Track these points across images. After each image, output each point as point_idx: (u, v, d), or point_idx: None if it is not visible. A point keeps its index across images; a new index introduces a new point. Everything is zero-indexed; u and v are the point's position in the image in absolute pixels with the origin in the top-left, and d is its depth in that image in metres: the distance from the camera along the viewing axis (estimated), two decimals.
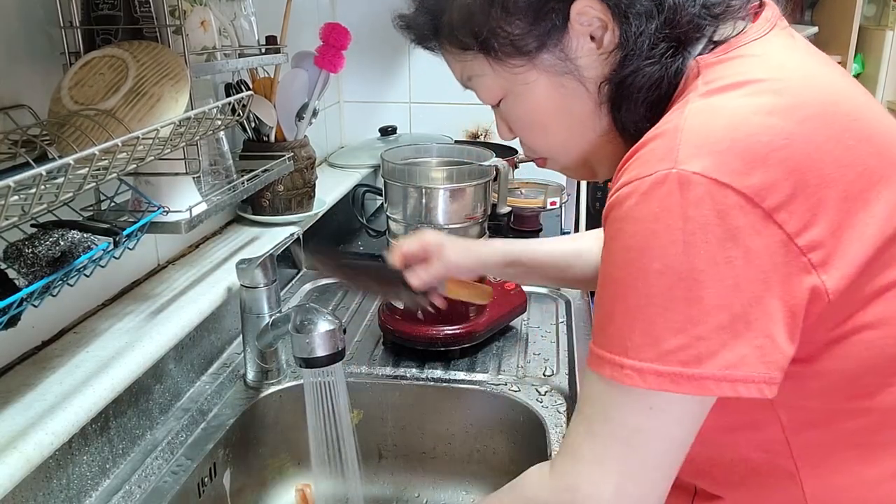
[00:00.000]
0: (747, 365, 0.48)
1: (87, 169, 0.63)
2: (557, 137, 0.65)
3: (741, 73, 0.54)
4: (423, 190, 1.01)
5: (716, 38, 0.57)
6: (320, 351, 0.83)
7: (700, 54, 0.57)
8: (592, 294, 1.12)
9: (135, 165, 0.71)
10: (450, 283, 0.89)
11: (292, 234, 1.09)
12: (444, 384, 1.03)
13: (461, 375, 1.05)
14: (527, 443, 0.99)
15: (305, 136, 1.36)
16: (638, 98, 0.59)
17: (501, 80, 0.63)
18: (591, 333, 0.55)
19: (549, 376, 1.05)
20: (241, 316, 0.99)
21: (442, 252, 0.86)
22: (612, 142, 0.64)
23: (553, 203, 1.59)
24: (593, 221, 2.08)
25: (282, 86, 1.30)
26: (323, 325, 0.83)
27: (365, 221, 1.51)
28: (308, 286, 1.35)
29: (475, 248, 0.90)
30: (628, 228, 0.50)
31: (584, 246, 0.92)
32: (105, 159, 0.66)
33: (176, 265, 1.10)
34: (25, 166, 0.59)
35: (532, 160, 0.71)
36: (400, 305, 1.00)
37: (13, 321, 0.65)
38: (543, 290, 1.30)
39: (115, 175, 0.69)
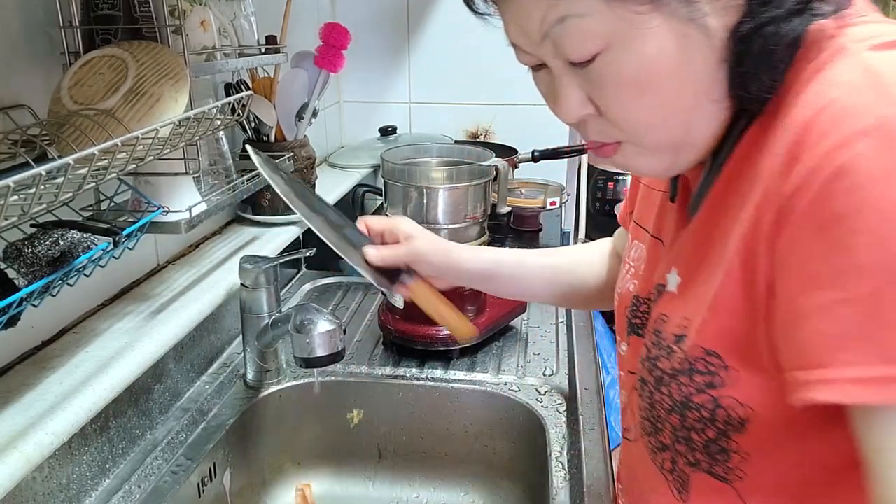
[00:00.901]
0: None
1: (86, 169, 0.63)
2: (664, 104, 0.51)
3: (891, 34, 0.47)
4: (423, 190, 1.01)
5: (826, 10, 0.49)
6: (320, 351, 0.83)
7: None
8: None
9: (134, 165, 0.71)
10: (421, 285, 0.79)
11: (298, 251, 1.07)
12: (444, 384, 1.03)
13: (461, 375, 1.05)
14: (527, 443, 0.99)
15: (305, 135, 1.36)
16: (769, 58, 0.48)
17: (612, 23, 0.48)
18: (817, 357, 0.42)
19: (549, 376, 1.05)
20: (241, 316, 0.99)
21: (413, 244, 0.77)
22: (719, 115, 0.52)
23: (553, 203, 1.59)
24: (593, 221, 2.08)
25: (282, 86, 1.30)
26: (323, 325, 0.83)
27: None
28: (308, 286, 1.35)
29: (454, 251, 0.80)
30: (884, 193, 0.40)
31: (581, 258, 0.86)
32: (104, 159, 0.66)
33: (176, 265, 1.10)
34: (25, 166, 0.59)
35: (593, 148, 0.57)
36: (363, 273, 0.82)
37: (13, 321, 0.65)
38: None
39: (114, 175, 0.69)
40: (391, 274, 0.78)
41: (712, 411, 0.51)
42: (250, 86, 1.28)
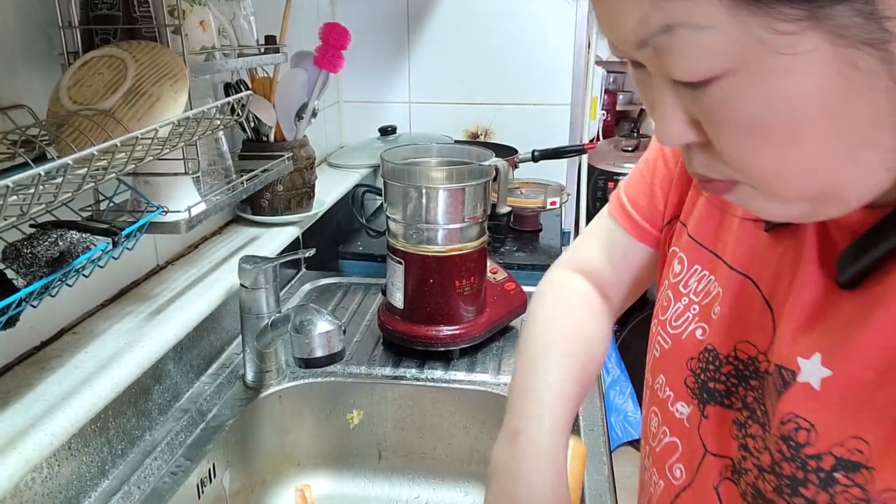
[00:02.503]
0: None
1: (85, 169, 0.63)
2: (804, 155, 0.37)
3: None
4: (423, 190, 1.01)
5: None
6: (320, 351, 0.82)
7: None
8: None
9: (133, 165, 0.71)
10: None
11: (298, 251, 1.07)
12: (444, 384, 1.03)
13: (461, 375, 1.05)
14: None
15: (305, 135, 1.36)
16: None
17: (742, 42, 0.35)
18: None
19: None
20: (240, 316, 0.99)
21: None
22: (890, 167, 0.38)
23: (553, 203, 1.59)
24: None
25: (281, 85, 1.30)
26: (322, 326, 0.83)
27: (364, 221, 1.51)
28: (308, 286, 1.35)
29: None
30: None
31: (594, 340, 0.68)
32: (104, 159, 0.66)
33: (175, 265, 1.10)
34: (24, 166, 0.59)
35: (705, 181, 0.43)
36: None
37: (12, 322, 0.65)
38: None
39: (113, 175, 0.68)
40: None
41: None
42: (250, 86, 1.28)
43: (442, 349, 1.07)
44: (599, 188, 2.10)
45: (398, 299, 1.07)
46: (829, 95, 0.35)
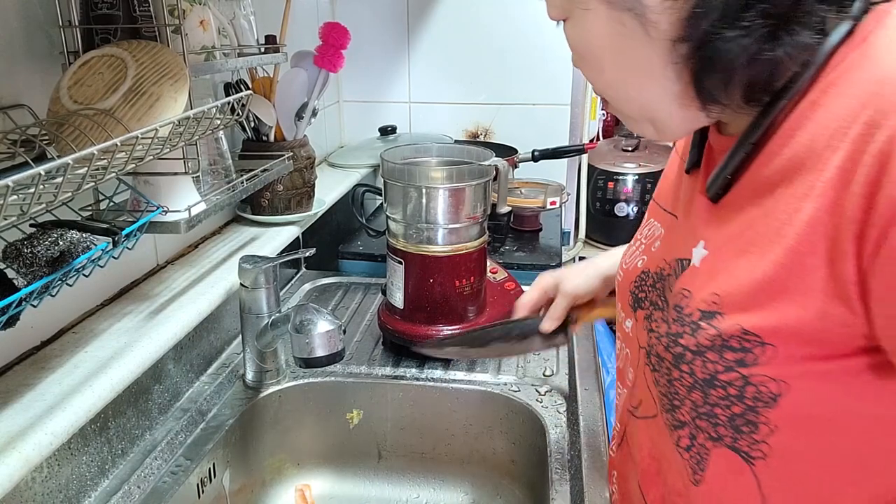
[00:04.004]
0: None
1: (85, 169, 0.63)
2: (611, 80, 0.57)
3: None
4: (423, 190, 1.01)
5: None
6: (320, 351, 0.82)
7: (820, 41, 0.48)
8: None
9: (134, 165, 0.71)
10: (579, 312, 0.84)
11: (298, 251, 1.07)
12: (444, 384, 1.03)
13: (461, 375, 1.05)
14: (527, 443, 0.99)
15: (305, 135, 1.36)
16: (730, 75, 0.50)
17: None
18: None
19: (549, 376, 1.05)
20: (240, 316, 0.99)
21: (560, 287, 0.82)
22: (688, 108, 0.54)
23: (553, 203, 1.59)
24: (593, 221, 2.08)
25: (281, 85, 1.30)
26: (322, 325, 0.82)
27: (364, 221, 1.51)
28: (308, 286, 1.35)
29: (591, 269, 0.84)
30: None
31: None
32: (104, 159, 0.66)
33: (175, 265, 1.10)
34: (24, 166, 0.59)
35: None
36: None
37: (12, 321, 0.65)
38: None
39: (113, 175, 0.68)
40: (561, 325, 0.83)
41: (741, 388, 0.51)
42: (250, 85, 1.28)
43: None
44: (599, 188, 2.10)
45: (398, 299, 1.07)
46: (610, 41, 0.54)
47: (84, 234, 0.69)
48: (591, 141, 1.98)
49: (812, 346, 0.48)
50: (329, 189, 1.55)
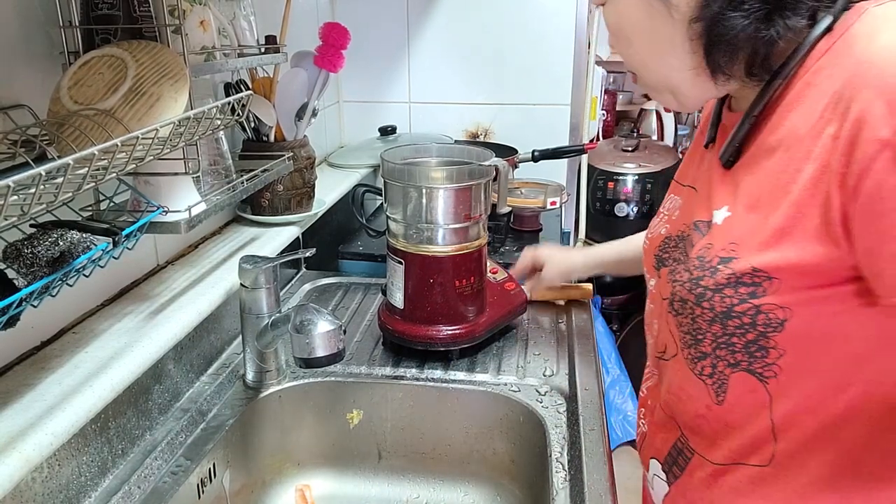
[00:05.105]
0: None
1: (86, 169, 0.63)
2: (639, 55, 0.69)
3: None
4: (423, 190, 1.01)
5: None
6: (320, 351, 0.82)
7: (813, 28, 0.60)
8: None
9: (134, 165, 0.71)
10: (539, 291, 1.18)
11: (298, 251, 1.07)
12: (444, 384, 1.03)
13: (461, 375, 1.05)
14: (527, 443, 0.99)
15: (305, 135, 1.36)
16: (732, 48, 0.61)
17: None
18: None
19: (549, 376, 1.05)
20: (240, 316, 0.99)
21: (546, 268, 1.11)
22: (701, 78, 0.66)
23: (553, 203, 1.59)
24: (593, 221, 2.08)
25: (281, 85, 1.30)
26: (323, 326, 0.82)
27: (364, 221, 1.51)
28: (308, 286, 1.35)
29: (570, 260, 1.12)
30: None
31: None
32: (104, 159, 0.66)
33: (175, 265, 1.10)
34: (25, 166, 0.59)
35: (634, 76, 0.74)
36: None
37: (12, 321, 0.65)
38: None
39: (114, 175, 0.68)
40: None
41: (753, 316, 0.62)
42: (250, 85, 1.28)
43: (442, 349, 1.07)
44: (599, 188, 2.11)
45: (398, 299, 1.07)
46: (640, 21, 0.66)
47: (84, 235, 0.69)
48: (591, 141, 1.98)
49: (810, 278, 0.59)
50: (329, 189, 1.55)
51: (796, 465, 0.67)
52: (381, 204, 1.25)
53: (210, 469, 0.89)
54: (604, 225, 2.06)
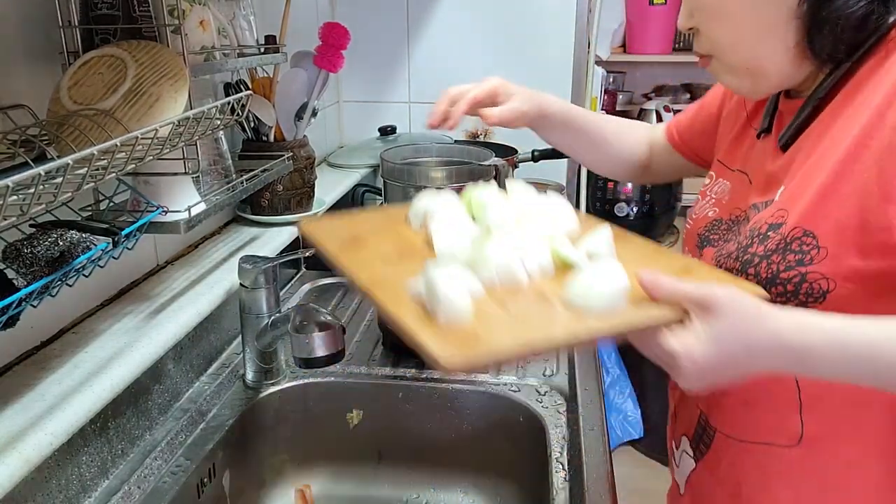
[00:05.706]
0: None
1: (85, 169, 0.63)
2: (739, 33, 0.67)
3: None
4: (423, 189, 1.01)
5: None
6: (320, 351, 0.82)
7: None
8: None
9: (133, 165, 0.71)
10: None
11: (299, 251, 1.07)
12: (444, 384, 1.03)
13: (461, 376, 1.05)
14: (527, 443, 0.99)
15: (305, 135, 1.36)
16: (837, 29, 0.62)
17: None
18: None
19: (549, 376, 1.05)
20: (240, 316, 0.99)
21: (510, 95, 0.90)
22: (794, 60, 0.66)
23: None
24: None
25: (281, 85, 1.30)
26: (322, 326, 0.82)
27: None
28: (307, 286, 1.35)
29: (537, 96, 0.93)
30: None
31: (631, 130, 1.01)
32: (104, 159, 0.66)
33: (175, 265, 1.10)
34: (24, 166, 0.59)
35: (698, 57, 0.74)
36: None
37: (12, 321, 0.65)
38: None
39: (113, 175, 0.68)
40: None
41: (797, 284, 0.63)
42: (250, 86, 1.28)
43: None
44: (599, 188, 2.11)
45: None
46: None
47: (84, 235, 0.69)
48: None
49: (852, 249, 0.61)
50: (329, 189, 1.55)
51: (826, 448, 0.68)
52: (381, 204, 1.25)
53: (210, 469, 0.89)
54: None
